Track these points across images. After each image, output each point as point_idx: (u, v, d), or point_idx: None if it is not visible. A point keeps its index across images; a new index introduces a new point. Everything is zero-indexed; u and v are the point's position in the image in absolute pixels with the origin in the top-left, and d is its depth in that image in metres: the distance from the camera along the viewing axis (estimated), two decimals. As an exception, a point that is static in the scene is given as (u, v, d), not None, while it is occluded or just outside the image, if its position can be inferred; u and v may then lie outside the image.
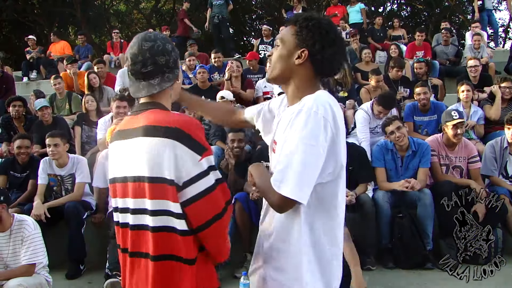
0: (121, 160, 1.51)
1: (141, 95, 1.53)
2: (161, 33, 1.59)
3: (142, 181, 1.44)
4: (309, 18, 1.46)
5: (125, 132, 1.52)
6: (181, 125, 1.43)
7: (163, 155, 1.40)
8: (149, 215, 1.44)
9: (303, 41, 1.44)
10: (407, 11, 20.13)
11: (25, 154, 4.66)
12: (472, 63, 6.28)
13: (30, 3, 16.04)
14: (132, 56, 1.52)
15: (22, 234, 3.26)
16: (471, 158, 4.27)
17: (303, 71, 1.47)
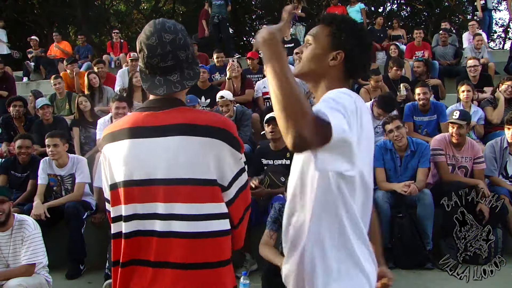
0: (140, 160, 1.37)
1: (159, 92, 1.40)
2: (178, 23, 1.45)
3: (181, 183, 1.34)
4: (347, 21, 1.46)
5: (144, 130, 1.38)
6: (223, 123, 1.39)
7: (208, 155, 1.35)
8: (185, 220, 1.34)
9: (340, 43, 1.43)
10: (407, 11, 20.13)
11: (26, 154, 4.66)
12: (471, 63, 6.29)
13: (30, 3, 16.05)
14: (149, 47, 1.38)
15: (22, 234, 3.26)
16: (477, 158, 4.28)
17: (334, 72, 1.46)
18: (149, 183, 1.36)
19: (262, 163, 4.33)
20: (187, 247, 1.34)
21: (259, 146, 4.67)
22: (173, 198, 1.35)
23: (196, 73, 1.46)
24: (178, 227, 1.34)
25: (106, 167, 1.46)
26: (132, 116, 1.45)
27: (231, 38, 10.69)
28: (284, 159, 4.28)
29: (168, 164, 1.35)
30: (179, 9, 19.05)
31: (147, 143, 1.37)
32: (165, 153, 1.35)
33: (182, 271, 1.34)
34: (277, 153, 4.30)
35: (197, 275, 1.35)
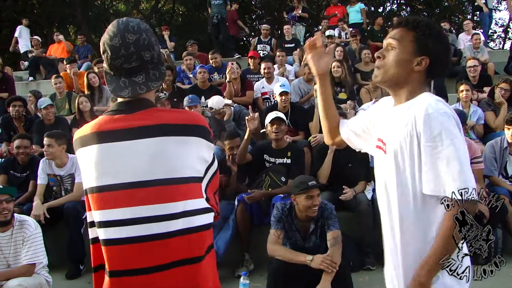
0: (121, 164, 1.34)
1: (124, 94, 1.38)
2: (142, 22, 1.43)
3: (167, 183, 1.32)
4: (431, 26, 1.46)
5: (115, 133, 1.35)
6: (197, 120, 1.41)
7: (189, 153, 1.36)
8: (175, 219, 1.32)
9: (426, 49, 1.44)
10: (407, 11, 20.12)
11: (24, 154, 4.66)
12: (471, 63, 6.29)
13: (30, 3, 16.04)
14: (112, 48, 1.35)
15: (23, 234, 3.26)
16: (475, 158, 4.26)
17: (417, 76, 1.47)
18: (123, 187, 1.33)
19: (265, 159, 4.34)
20: (171, 246, 1.32)
21: (260, 142, 4.68)
22: (163, 199, 1.32)
23: (161, 73, 1.44)
24: (158, 229, 1.32)
25: (81, 172, 1.45)
26: (101, 120, 1.41)
27: (231, 38, 10.69)
28: (285, 158, 4.28)
29: (143, 166, 1.33)
30: (179, 9, 19.04)
31: (119, 146, 1.34)
32: (138, 155, 1.33)
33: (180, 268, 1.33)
34: (278, 152, 4.31)
35: (188, 270, 1.35)
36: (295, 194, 3.20)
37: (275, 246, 3.19)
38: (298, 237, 3.27)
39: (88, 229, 1.46)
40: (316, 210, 3.19)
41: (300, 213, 3.24)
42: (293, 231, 3.28)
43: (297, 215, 3.28)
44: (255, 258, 3.95)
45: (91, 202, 1.42)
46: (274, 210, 3.35)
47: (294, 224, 3.28)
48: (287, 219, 3.28)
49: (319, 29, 12.17)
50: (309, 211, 3.18)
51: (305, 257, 3.06)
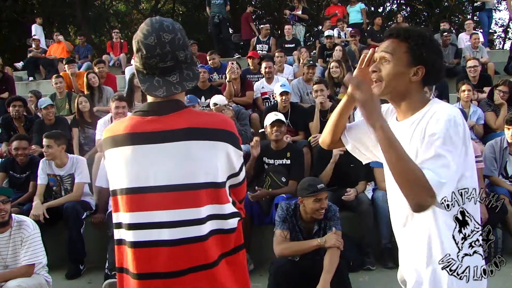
0: (154, 166, 1.34)
1: (159, 94, 1.36)
2: (175, 22, 1.41)
3: (196, 188, 1.33)
4: (423, 35, 1.46)
5: (149, 136, 1.35)
6: (227, 125, 1.41)
7: (218, 158, 1.36)
8: (203, 223, 1.33)
9: (420, 59, 1.44)
10: (406, 11, 20.13)
11: (23, 155, 4.64)
12: (471, 64, 6.29)
13: (30, 4, 16.04)
14: (147, 47, 1.34)
15: (21, 235, 3.25)
16: (476, 157, 4.26)
17: (415, 86, 1.47)
18: (155, 190, 1.33)
19: (264, 161, 4.34)
20: (195, 251, 1.33)
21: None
22: (180, 205, 1.32)
23: (195, 74, 1.43)
24: (186, 233, 1.33)
25: (108, 171, 1.44)
26: (133, 120, 1.40)
27: (231, 38, 10.69)
28: (284, 159, 4.28)
29: (175, 170, 1.33)
30: (179, 9, 19.04)
31: (152, 149, 1.34)
32: (171, 158, 1.33)
33: (203, 273, 1.34)
34: (278, 153, 4.30)
35: (209, 275, 1.36)
36: (303, 196, 3.18)
37: (282, 245, 3.17)
38: (300, 238, 3.25)
39: (114, 230, 1.44)
40: (323, 213, 3.18)
41: (306, 214, 3.23)
42: (296, 231, 3.26)
43: (301, 216, 3.26)
44: (255, 258, 3.95)
45: (120, 204, 1.40)
46: (278, 210, 3.33)
47: (298, 225, 3.27)
48: (291, 219, 3.27)
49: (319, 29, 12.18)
50: (316, 214, 3.17)
51: (317, 241, 3.08)
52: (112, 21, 18.63)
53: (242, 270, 1.46)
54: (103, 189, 4.45)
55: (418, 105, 1.47)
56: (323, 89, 5.13)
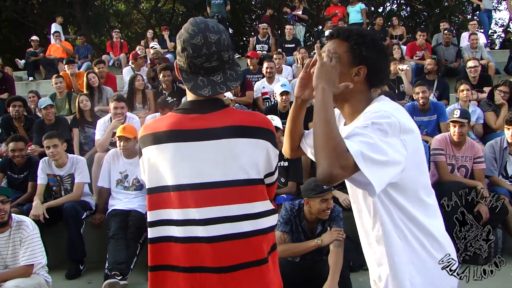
0: (191, 164, 1.36)
1: (204, 93, 1.38)
2: (219, 23, 1.44)
3: (234, 185, 1.36)
4: (363, 35, 1.44)
5: (192, 133, 1.37)
6: (268, 124, 1.44)
7: (259, 156, 1.39)
8: (238, 221, 1.35)
9: (361, 58, 1.41)
10: (406, 11, 20.14)
11: (20, 156, 4.62)
12: (471, 64, 6.28)
13: (30, 4, 16.04)
14: (194, 47, 1.36)
15: (21, 235, 3.25)
16: (477, 158, 4.26)
17: (358, 86, 1.43)
18: (203, 187, 1.35)
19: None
20: (244, 247, 1.36)
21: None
22: (228, 200, 1.35)
23: (238, 74, 1.45)
24: (233, 229, 1.35)
25: (146, 169, 1.43)
26: (176, 117, 1.41)
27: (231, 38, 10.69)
28: (282, 161, 4.27)
29: (220, 167, 1.35)
30: (179, 9, 19.04)
31: (196, 146, 1.36)
32: (216, 155, 1.35)
33: (244, 271, 1.36)
34: (275, 155, 4.28)
35: (251, 273, 1.38)
36: (309, 197, 3.16)
37: (280, 248, 3.15)
38: (303, 239, 3.23)
39: (148, 228, 1.43)
40: (328, 213, 3.16)
41: (311, 215, 3.21)
42: (298, 232, 3.24)
43: (305, 216, 3.23)
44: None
45: (170, 200, 1.39)
46: (282, 210, 3.31)
47: (301, 226, 3.24)
48: (295, 220, 3.24)
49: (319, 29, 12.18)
50: (322, 214, 3.14)
51: (315, 241, 3.08)
52: (112, 21, 18.62)
53: (277, 267, 1.51)
54: (103, 189, 4.45)
55: (361, 107, 1.43)
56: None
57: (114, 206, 4.15)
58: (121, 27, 18.13)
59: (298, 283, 3.14)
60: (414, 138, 1.34)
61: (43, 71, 9.63)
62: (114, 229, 3.89)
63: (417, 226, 1.38)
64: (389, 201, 1.36)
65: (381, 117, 1.28)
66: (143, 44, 9.50)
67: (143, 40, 10.64)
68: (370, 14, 13.20)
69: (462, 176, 4.26)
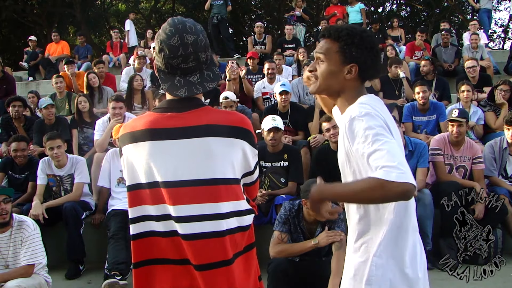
0: (166, 162, 1.38)
1: (180, 94, 1.39)
2: (197, 23, 1.44)
3: (208, 184, 1.37)
4: (353, 34, 1.48)
5: (168, 131, 1.38)
6: (244, 123, 1.45)
7: (235, 155, 1.41)
8: (211, 220, 1.37)
9: (352, 57, 1.47)
10: (406, 11, 20.14)
11: (22, 156, 4.63)
12: (469, 64, 6.28)
13: (30, 4, 16.03)
14: (171, 48, 1.36)
15: (22, 235, 3.26)
16: (476, 158, 4.26)
17: (351, 83, 1.50)
18: (177, 185, 1.37)
19: (261, 165, 4.31)
20: (215, 246, 1.37)
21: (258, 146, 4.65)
22: (200, 199, 1.36)
23: (215, 74, 1.46)
24: (205, 228, 1.37)
25: (125, 167, 1.46)
26: (153, 116, 1.43)
27: (231, 38, 10.68)
28: (282, 161, 4.26)
29: (194, 165, 1.37)
30: (179, 9, 19.03)
31: (171, 144, 1.37)
32: (190, 154, 1.37)
33: (229, 267, 1.39)
34: (275, 156, 4.27)
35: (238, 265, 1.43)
36: (307, 198, 3.14)
37: (278, 248, 3.15)
38: (301, 239, 3.22)
39: (130, 226, 1.45)
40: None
41: (309, 216, 3.19)
42: (298, 232, 3.23)
43: (304, 217, 3.23)
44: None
45: (146, 196, 1.42)
46: (281, 209, 3.31)
47: (300, 226, 3.23)
48: (293, 220, 3.23)
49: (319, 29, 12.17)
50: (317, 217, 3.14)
51: (311, 242, 3.07)
52: (112, 21, 18.62)
53: (255, 267, 1.51)
54: (103, 189, 4.45)
55: (350, 102, 1.50)
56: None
57: (114, 206, 4.15)
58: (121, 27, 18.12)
59: (298, 283, 3.14)
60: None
61: (43, 71, 9.63)
62: (114, 229, 3.89)
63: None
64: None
65: (367, 120, 1.34)
66: (142, 45, 9.50)
67: (143, 41, 10.65)
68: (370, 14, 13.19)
69: (461, 176, 4.26)
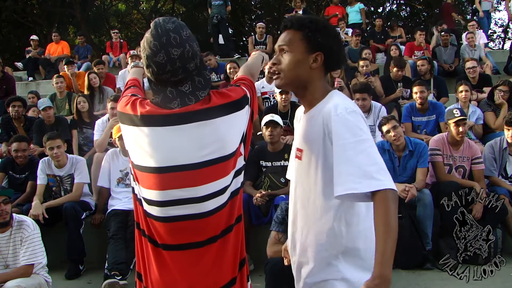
0: (173, 147, 1.39)
1: (174, 106, 1.39)
2: (181, 27, 1.41)
3: (211, 164, 1.40)
4: (317, 22, 1.46)
5: (173, 117, 1.39)
6: (239, 94, 1.49)
7: (235, 129, 1.45)
8: (215, 197, 1.42)
9: (317, 45, 1.44)
10: (406, 11, 20.13)
11: (23, 156, 4.63)
12: (469, 65, 6.28)
13: (30, 4, 16.03)
14: (158, 65, 1.36)
15: (21, 235, 3.26)
16: (475, 158, 4.26)
17: (317, 73, 1.48)
18: (181, 169, 1.38)
19: (261, 165, 4.32)
20: (218, 221, 1.44)
21: (257, 146, 4.65)
22: (207, 180, 1.39)
23: (206, 80, 1.46)
24: (210, 206, 1.41)
25: (127, 145, 1.49)
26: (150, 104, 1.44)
27: (231, 38, 10.68)
28: (282, 161, 4.26)
29: (196, 149, 1.38)
30: (179, 9, 19.03)
31: (170, 130, 1.39)
32: (192, 139, 1.38)
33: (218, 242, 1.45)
34: (275, 155, 4.28)
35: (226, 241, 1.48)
36: None
37: (274, 248, 3.16)
38: None
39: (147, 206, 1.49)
40: None
41: None
42: None
43: None
44: (255, 258, 3.94)
45: (140, 180, 1.46)
46: (278, 210, 3.31)
47: None
48: None
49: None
50: None
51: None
52: (111, 21, 18.62)
53: (242, 239, 1.55)
54: (103, 189, 4.45)
55: (319, 96, 1.48)
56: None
57: (114, 206, 4.15)
58: (121, 27, 18.13)
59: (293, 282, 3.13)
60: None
61: (43, 71, 9.64)
62: (113, 229, 3.89)
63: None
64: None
65: (357, 118, 1.36)
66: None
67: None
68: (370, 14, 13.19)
69: (460, 176, 4.27)
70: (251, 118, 1.53)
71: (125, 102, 1.48)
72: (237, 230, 1.51)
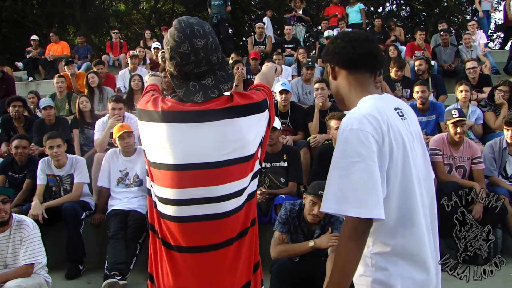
0: (193, 144, 1.37)
1: (197, 99, 1.38)
2: (203, 22, 1.41)
3: (232, 164, 1.40)
4: (327, 47, 1.52)
5: (192, 114, 1.37)
6: (259, 97, 1.48)
7: (255, 131, 1.44)
8: (234, 198, 1.41)
9: (328, 61, 1.51)
10: (406, 11, 20.13)
11: (23, 154, 4.63)
12: (470, 65, 6.28)
13: (30, 4, 16.01)
14: (182, 55, 1.35)
15: (21, 235, 3.26)
16: (475, 158, 4.26)
17: (341, 81, 1.52)
18: (200, 167, 1.37)
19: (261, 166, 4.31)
20: (236, 222, 1.43)
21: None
22: (226, 179, 1.38)
23: (229, 74, 1.46)
24: (228, 207, 1.41)
25: (144, 142, 1.47)
26: (171, 101, 1.44)
27: (230, 38, 10.68)
28: (281, 161, 4.26)
29: (216, 147, 1.37)
30: (179, 9, 19.03)
31: (190, 128, 1.38)
32: (211, 137, 1.37)
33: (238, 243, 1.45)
34: (274, 156, 4.26)
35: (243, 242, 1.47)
36: (306, 193, 3.17)
37: (278, 248, 3.15)
38: (301, 240, 3.20)
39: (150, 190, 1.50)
40: (315, 219, 3.13)
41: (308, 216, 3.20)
42: (298, 233, 3.22)
43: (305, 217, 3.21)
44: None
45: (157, 178, 1.44)
46: (282, 209, 3.30)
47: (300, 227, 3.22)
48: (293, 221, 3.22)
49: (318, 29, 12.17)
50: (309, 216, 3.14)
51: (307, 244, 3.06)
52: (111, 21, 18.61)
53: (256, 241, 1.55)
54: (103, 189, 4.45)
55: (351, 102, 1.50)
56: (324, 87, 5.13)
57: (114, 206, 4.15)
58: (121, 27, 18.12)
59: (297, 283, 3.13)
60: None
61: (43, 71, 9.63)
62: (113, 229, 3.89)
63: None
64: None
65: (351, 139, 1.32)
66: (142, 45, 9.49)
67: (142, 41, 10.65)
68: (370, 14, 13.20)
69: (460, 176, 4.26)
70: (268, 123, 1.52)
71: (146, 100, 1.47)
72: (252, 233, 1.50)
